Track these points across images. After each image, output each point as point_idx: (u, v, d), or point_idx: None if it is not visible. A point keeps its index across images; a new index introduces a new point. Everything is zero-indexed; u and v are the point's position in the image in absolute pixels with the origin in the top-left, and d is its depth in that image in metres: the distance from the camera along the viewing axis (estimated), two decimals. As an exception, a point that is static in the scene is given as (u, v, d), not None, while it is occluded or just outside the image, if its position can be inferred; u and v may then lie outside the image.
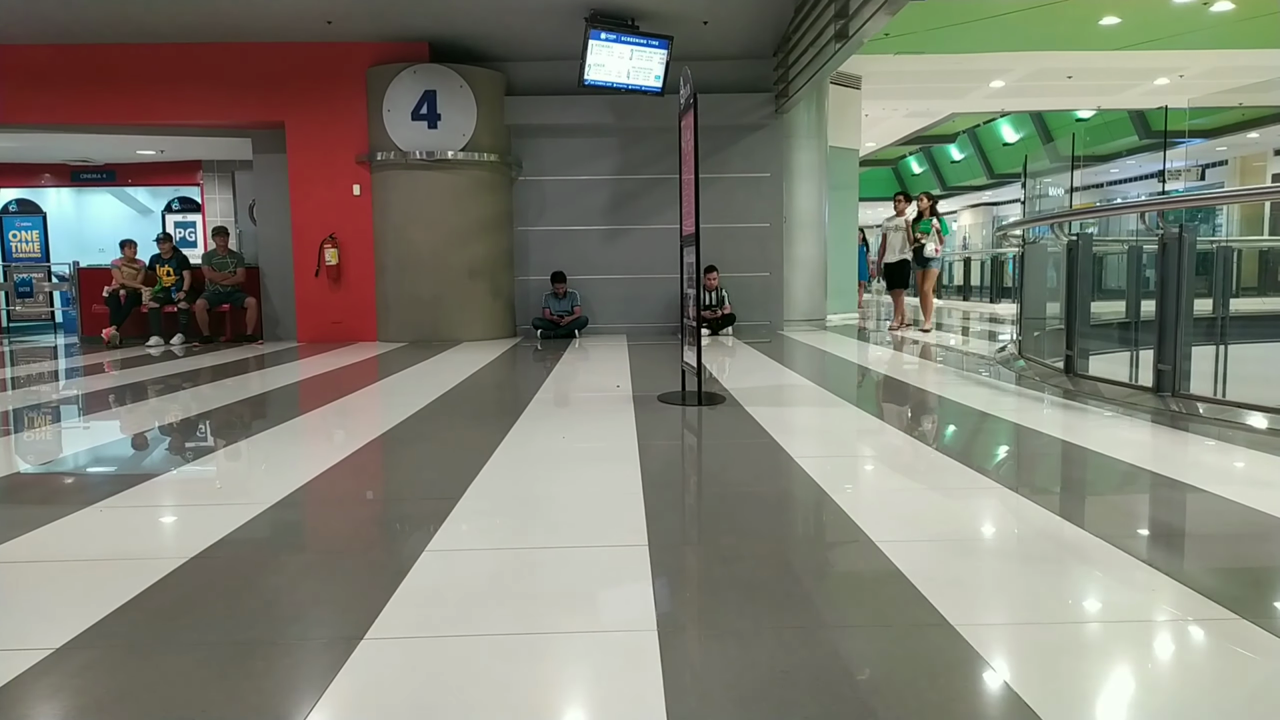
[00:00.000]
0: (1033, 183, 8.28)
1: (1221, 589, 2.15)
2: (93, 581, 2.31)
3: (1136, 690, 1.69)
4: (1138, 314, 5.83)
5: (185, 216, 15.75)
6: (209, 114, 10.00)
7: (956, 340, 10.07)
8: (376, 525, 3.00)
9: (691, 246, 5.18)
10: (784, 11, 9.10)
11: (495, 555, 2.53)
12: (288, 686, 1.72)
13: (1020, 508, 2.91)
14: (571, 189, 10.75)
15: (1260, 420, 4.11)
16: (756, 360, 7.60)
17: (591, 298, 10.70)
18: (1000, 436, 4.33)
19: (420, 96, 9.69)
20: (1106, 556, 2.39)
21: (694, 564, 2.46)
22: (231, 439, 4.43)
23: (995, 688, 1.67)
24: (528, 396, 5.60)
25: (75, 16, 8.85)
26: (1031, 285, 7.09)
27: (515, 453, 3.88)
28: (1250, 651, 1.80)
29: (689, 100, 5.07)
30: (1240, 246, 14.74)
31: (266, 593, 2.22)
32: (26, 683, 1.73)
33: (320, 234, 9.99)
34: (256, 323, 10.41)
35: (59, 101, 9.82)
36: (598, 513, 2.94)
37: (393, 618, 2.02)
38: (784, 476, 3.45)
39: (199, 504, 3.20)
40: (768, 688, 1.66)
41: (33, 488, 3.52)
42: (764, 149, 10.73)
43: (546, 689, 1.72)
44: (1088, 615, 2.06)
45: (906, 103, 15.81)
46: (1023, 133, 21.25)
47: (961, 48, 11.31)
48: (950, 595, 2.09)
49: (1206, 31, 11.10)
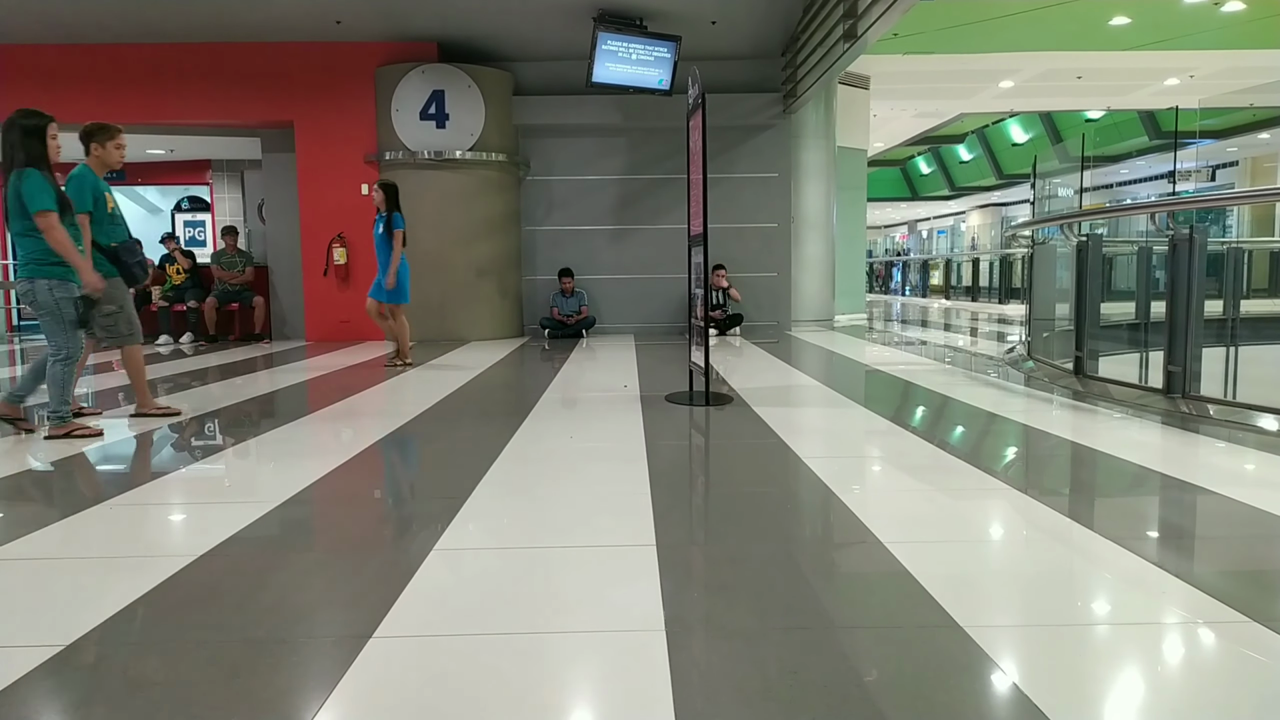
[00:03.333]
0: (1042, 183, 8.25)
1: (1232, 592, 2.14)
2: (102, 579, 2.32)
3: (1146, 693, 1.68)
4: (1148, 315, 5.82)
5: (195, 215, 15.81)
6: (218, 113, 10.04)
7: (965, 341, 10.04)
8: (385, 524, 3.01)
9: (699, 246, 5.17)
10: (792, 11, 9.08)
11: (503, 554, 2.53)
12: (297, 684, 1.73)
13: (1029, 509, 2.90)
14: (579, 189, 10.76)
15: (1271, 422, 4.09)
16: (764, 360, 7.59)
17: (599, 297, 10.71)
18: (1009, 438, 4.32)
19: (429, 96, 9.71)
20: (1116, 558, 2.38)
21: (702, 564, 2.45)
22: (240, 437, 4.44)
23: (1004, 689, 1.66)
24: (535, 396, 5.61)
25: (84, 16, 8.90)
26: (1041, 286, 7.06)
27: (523, 452, 3.88)
28: (1262, 655, 1.79)
29: (697, 100, 5.06)
30: (1251, 248, 14.66)
31: (276, 591, 2.23)
32: (36, 679, 1.74)
33: (329, 233, 10.02)
34: (265, 321, 10.45)
35: (68, 101, 9.83)
36: (605, 513, 2.94)
37: (401, 616, 2.02)
38: (792, 477, 3.45)
39: (208, 502, 3.21)
40: (776, 688, 1.65)
41: (42, 485, 3.54)
42: (772, 149, 10.72)
43: (555, 688, 1.72)
44: (1097, 617, 2.05)
45: (915, 103, 15.78)
46: (1032, 133, 21.20)
47: (970, 48, 11.29)
48: (959, 596, 2.08)
49: (1217, 32, 11.06)
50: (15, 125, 4.06)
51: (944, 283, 23.04)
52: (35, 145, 4.05)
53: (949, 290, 22.40)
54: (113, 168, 4.67)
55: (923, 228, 38.18)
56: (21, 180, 4.00)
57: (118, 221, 4.64)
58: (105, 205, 4.54)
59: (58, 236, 4.00)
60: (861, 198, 12.96)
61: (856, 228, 12.84)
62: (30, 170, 4.01)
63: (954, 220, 33.73)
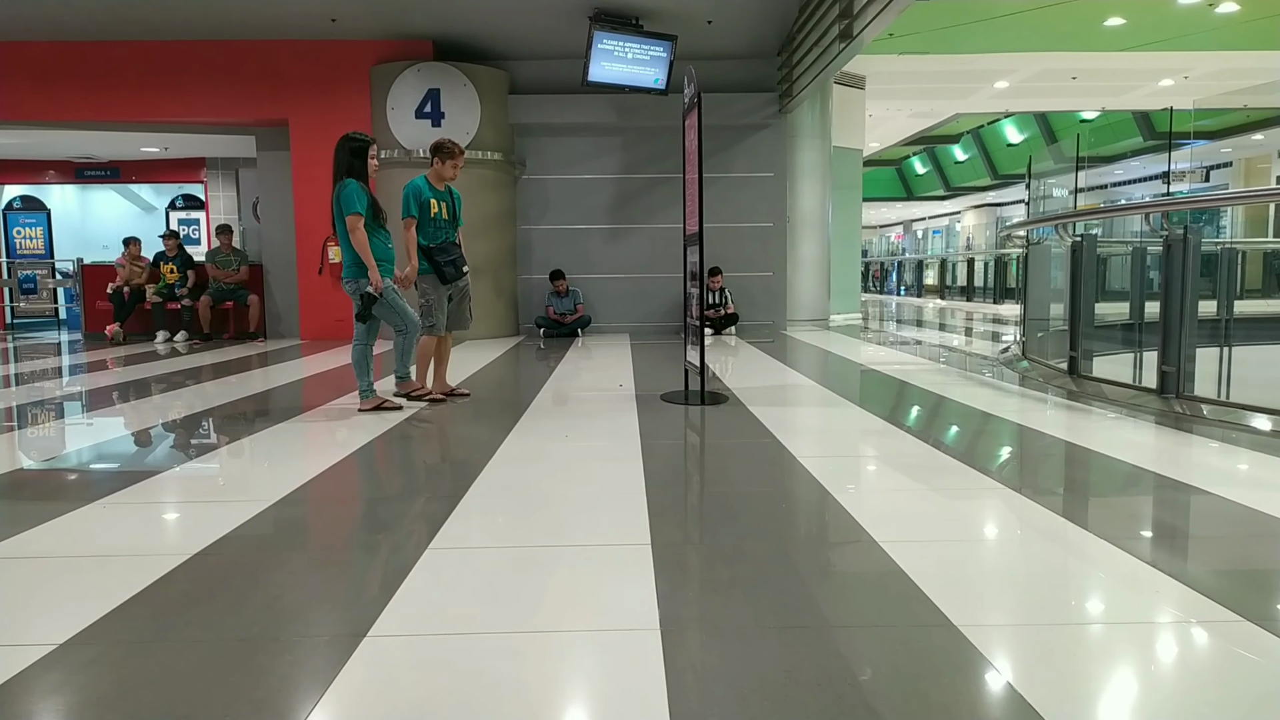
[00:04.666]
0: (1037, 184, 8.27)
1: (1226, 591, 2.15)
2: (96, 577, 2.32)
3: (1141, 692, 1.69)
4: (1142, 315, 5.83)
5: (189, 214, 15.76)
6: (213, 111, 10.01)
7: (960, 341, 10.06)
8: (380, 523, 3.00)
9: (695, 246, 5.17)
10: (788, 11, 9.09)
11: (498, 553, 2.53)
12: (291, 683, 1.72)
13: (1024, 508, 2.91)
14: (575, 188, 10.75)
15: (1264, 422, 4.11)
16: (759, 360, 7.60)
17: (594, 297, 10.70)
18: (1004, 437, 4.33)
19: (424, 94, 9.69)
20: (1110, 558, 2.39)
21: (697, 563, 2.45)
22: (235, 436, 4.43)
23: (999, 689, 1.66)
24: (531, 395, 5.61)
25: (79, 14, 8.86)
26: (1035, 286, 7.08)
27: (518, 451, 3.88)
28: (1255, 654, 1.80)
29: (693, 99, 5.06)
30: (1245, 248, 14.70)
31: (269, 589, 2.23)
32: (30, 678, 1.73)
33: (323, 232, 9.98)
34: (259, 320, 10.42)
35: (64, 98, 9.84)
36: (600, 512, 2.94)
37: (396, 615, 2.02)
38: (787, 476, 3.45)
39: (202, 500, 3.21)
40: (771, 687, 1.65)
41: (36, 483, 3.53)
42: (767, 149, 10.72)
43: (549, 687, 1.72)
44: (1092, 617, 2.06)
45: (910, 103, 15.79)
46: (1027, 133, 21.23)
47: (966, 48, 11.30)
48: (954, 595, 2.09)
49: (1211, 33, 11.08)
50: (345, 144, 4.81)
51: (939, 282, 23.06)
52: (357, 162, 4.79)
53: (944, 290, 22.43)
54: (447, 181, 5.28)
55: (918, 228, 38.25)
56: (341, 189, 4.72)
57: (440, 226, 5.20)
58: (429, 211, 5.14)
59: (359, 238, 4.69)
60: (857, 197, 12.96)
61: (852, 228, 12.84)
62: (349, 180, 4.74)
63: (949, 220, 33.79)
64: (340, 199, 4.72)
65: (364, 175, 4.80)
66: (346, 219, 4.68)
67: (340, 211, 4.72)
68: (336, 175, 4.80)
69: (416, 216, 5.11)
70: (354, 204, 4.68)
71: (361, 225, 4.69)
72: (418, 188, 5.15)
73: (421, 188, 5.16)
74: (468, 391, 5.61)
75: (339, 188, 4.74)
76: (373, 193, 4.83)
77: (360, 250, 4.70)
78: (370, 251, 4.72)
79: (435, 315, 5.25)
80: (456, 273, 5.23)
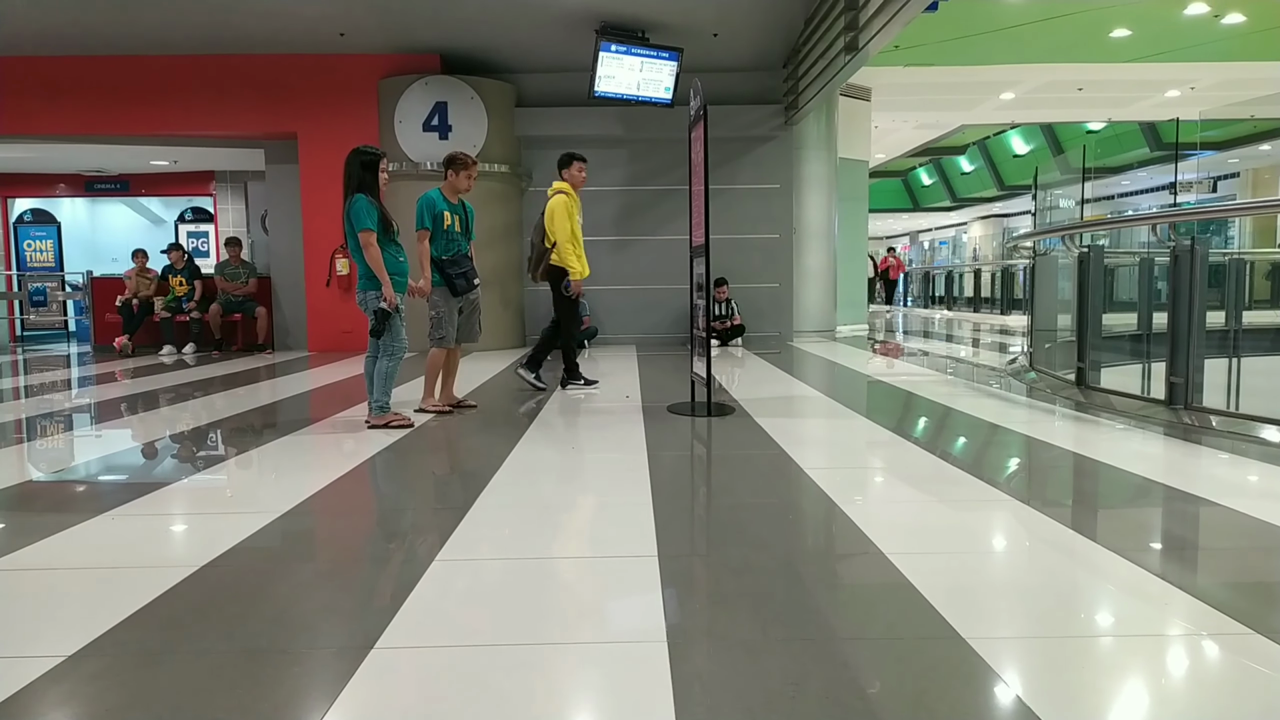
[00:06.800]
0: (1043, 194, 8.27)
1: (1236, 603, 2.13)
2: (104, 589, 2.32)
3: (1150, 705, 1.68)
4: (1149, 326, 5.81)
5: (198, 227, 15.86)
6: (222, 125, 10.09)
7: (967, 352, 10.04)
8: (387, 535, 3.01)
9: (701, 258, 5.19)
10: (794, 23, 9.12)
11: (505, 565, 2.53)
12: (298, 695, 1.73)
13: (1032, 520, 2.90)
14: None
15: (1274, 433, 4.08)
16: (766, 371, 7.59)
17: (601, 308, 10.72)
18: (1011, 449, 4.31)
19: (431, 108, 9.75)
20: (1119, 570, 2.38)
21: (703, 575, 2.45)
22: (243, 448, 4.45)
23: (1007, 701, 1.65)
24: (538, 407, 5.61)
25: (89, 29, 8.95)
26: (1042, 297, 7.06)
27: (525, 463, 3.89)
28: (1265, 667, 1.78)
29: (699, 112, 5.08)
30: (1253, 259, 14.66)
31: (277, 601, 2.23)
32: (39, 690, 1.74)
33: (331, 244, 10.03)
34: (267, 332, 10.46)
35: (74, 112, 9.92)
36: (607, 523, 2.94)
37: (403, 627, 2.02)
38: (794, 488, 3.45)
39: (210, 512, 3.22)
40: (777, 699, 1.65)
41: (45, 495, 3.54)
42: (773, 160, 10.74)
43: (556, 700, 1.71)
44: (1100, 629, 2.05)
45: (916, 114, 15.82)
46: (1033, 144, 21.25)
47: (971, 60, 11.32)
48: (961, 608, 2.08)
49: (1218, 44, 11.09)
50: (356, 157, 4.79)
51: (945, 293, 23.04)
52: (369, 175, 4.76)
53: (951, 301, 22.39)
54: (461, 192, 5.33)
55: (924, 239, 38.23)
56: (352, 204, 4.70)
57: (453, 238, 5.23)
58: (443, 223, 5.18)
59: (372, 254, 4.67)
60: (863, 209, 12.97)
61: (858, 239, 12.85)
62: (359, 195, 4.71)
63: (955, 231, 33.78)
64: (350, 215, 4.72)
65: (375, 189, 4.80)
66: (359, 235, 4.68)
67: (352, 228, 4.72)
68: (347, 189, 4.79)
69: (430, 229, 5.14)
70: (364, 220, 4.67)
71: (374, 241, 4.69)
72: (431, 200, 5.19)
73: (435, 200, 5.20)
74: (475, 403, 5.61)
75: (349, 204, 4.74)
76: (383, 206, 4.86)
77: (374, 266, 4.68)
78: (384, 266, 4.71)
79: (445, 328, 5.26)
80: (468, 285, 5.26)
